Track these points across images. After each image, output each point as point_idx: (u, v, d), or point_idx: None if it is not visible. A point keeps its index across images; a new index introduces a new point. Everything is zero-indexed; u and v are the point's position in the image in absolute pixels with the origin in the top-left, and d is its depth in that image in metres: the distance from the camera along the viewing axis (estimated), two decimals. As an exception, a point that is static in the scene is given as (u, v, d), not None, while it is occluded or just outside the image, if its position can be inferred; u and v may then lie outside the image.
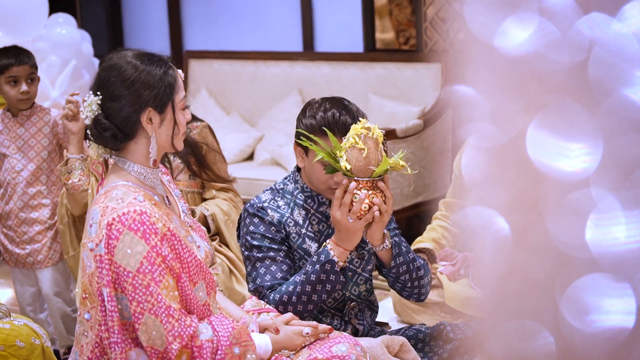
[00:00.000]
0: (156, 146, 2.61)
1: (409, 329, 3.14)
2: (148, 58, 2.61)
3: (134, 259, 2.44)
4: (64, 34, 6.37)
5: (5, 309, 3.18)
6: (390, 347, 2.89)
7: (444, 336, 3.08)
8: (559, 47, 1.20)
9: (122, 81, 2.57)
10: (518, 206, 1.27)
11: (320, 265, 2.86)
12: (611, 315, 1.24)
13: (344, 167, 2.75)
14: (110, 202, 2.52)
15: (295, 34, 7.10)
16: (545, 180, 1.23)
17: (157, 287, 2.44)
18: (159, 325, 2.43)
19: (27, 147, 4.37)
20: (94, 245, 2.51)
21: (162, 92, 2.57)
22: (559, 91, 1.20)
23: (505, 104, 1.25)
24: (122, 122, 2.57)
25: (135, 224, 2.46)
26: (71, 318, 4.45)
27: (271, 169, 6.31)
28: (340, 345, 2.69)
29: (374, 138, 2.74)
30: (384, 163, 2.74)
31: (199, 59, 7.41)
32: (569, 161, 1.22)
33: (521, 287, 1.29)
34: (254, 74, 7.05)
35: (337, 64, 6.64)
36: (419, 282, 2.98)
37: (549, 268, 1.27)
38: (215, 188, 3.92)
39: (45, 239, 4.39)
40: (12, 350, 2.98)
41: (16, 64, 4.30)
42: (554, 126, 1.22)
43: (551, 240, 1.24)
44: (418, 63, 6.23)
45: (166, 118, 2.60)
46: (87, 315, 2.57)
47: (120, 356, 2.48)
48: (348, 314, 3.05)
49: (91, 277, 2.53)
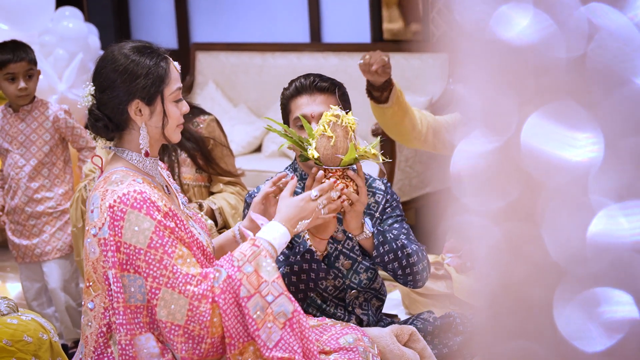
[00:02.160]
0: (147, 137, 2.61)
1: (417, 318, 3.12)
2: (142, 49, 2.61)
3: (142, 235, 2.45)
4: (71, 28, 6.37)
5: (13, 304, 3.18)
6: (399, 337, 2.88)
7: (453, 328, 3.06)
8: (556, 41, 1.14)
9: (111, 72, 2.58)
10: (513, 215, 1.20)
11: (301, 255, 2.87)
12: (614, 334, 1.17)
13: (312, 155, 2.74)
14: (109, 186, 2.54)
15: (302, 25, 7.08)
16: (541, 187, 1.17)
17: (171, 259, 2.45)
18: (177, 297, 2.43)
19: (28, 142, 4.36)
20: (96, 230, 2.52)
21: (151, 84, 2.57)
22: (556, 87, 1.15)
23: (498, 102, 1.18)
24: (111, 112, 2.60)
25: (137, 202, 2.47)
26: (77, 312, 4.45)
27: (279, 161, 6.29)
28: (347, 337, 2.69)
29: (343, 126, 2.72)
30: (351, 151, 2.70)
31: (206, 51, 7.40)
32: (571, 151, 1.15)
33: (516, 304, 1.21)
34: (261, 65, 7.03)
35: (345, 55, 6.62)
36: (411, 269, 2.93)
37: (546, 283, 1.19)
38: (223, 182, 3.91)
39: (52, 229, 4.40)
40: (19, 345, 2.98)
41: (14, 60, 4.27)
42: (550, 124, 1.16)
43: (548, 253, 1.17)
44: (425, 53, 6.21)
45: (156, 110, 2.60)
46: (91, 304, 2.57)
47: (125, 338, 2.48)
48: (352, 303, 3.04)
49: (96, 263, 2.54)
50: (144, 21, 8.07)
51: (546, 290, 1.19)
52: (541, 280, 1.20)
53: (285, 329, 2.46)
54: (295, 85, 3.01)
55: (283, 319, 2.46)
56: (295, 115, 2.96)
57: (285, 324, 2.46)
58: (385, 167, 5.56)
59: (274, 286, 2.48)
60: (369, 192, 3.07)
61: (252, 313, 2.44)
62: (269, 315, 2.45)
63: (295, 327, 2.47)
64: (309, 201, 2.66)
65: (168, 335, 2.45)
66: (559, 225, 1.18)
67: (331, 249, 3.00)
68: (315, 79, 2.98)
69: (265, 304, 2.45)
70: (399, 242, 2.91)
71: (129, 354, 2.49)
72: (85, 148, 4.43)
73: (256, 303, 2.45)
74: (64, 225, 4.41)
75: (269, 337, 2.44)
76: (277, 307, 2.46)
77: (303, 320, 2.51)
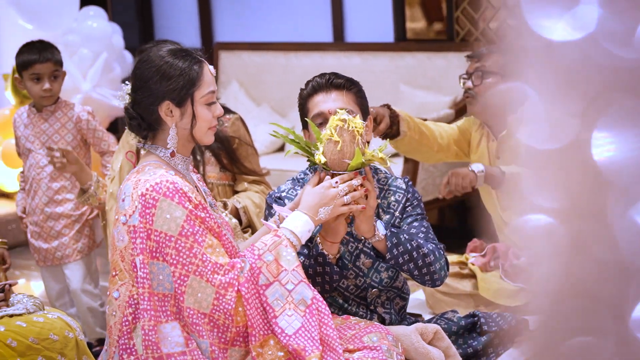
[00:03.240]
0: (176, 138, 2.65)
1: (441, 318, 3.11)
2: (177, 52, 2.65)
3: (174, 223, 2.49)
4: (95, 27, 6.40)
5: (39, 303, 3.20)
6: (424, 335, 2.87)
7: (477, 328, 3.05)
8: (623, 43, 1.12)
9: (145, 72, 2.63)
10: (580, 214, 1.18)
11: (314, 258, 2.88)
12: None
13: (319, 160, 2.75)
14: (142, 176, 2.58)
15: (325, 24, 7.08)
16: (611, 186, 1.15)
17: (201, 247, 2.49)
18: (205, 286, 2.47)
19: (51, 143, 4.33)
20: (126, 218, 2.56)
21: (181, 86, 2.60)
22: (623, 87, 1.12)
23: (563, 104, 1.17)
24: (143, 111, 2.64)
25: (170, 191, 2.51)
26: (99, 312, 4.45)
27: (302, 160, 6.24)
28: (371, 335, 2.69)
29: (350, 130, 2.71)
30: (358, 156, 2.70)
31: (229, 51, 7.41)
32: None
33: (581, 302, 1.20)
34: (284, 65, 7.04)
35: (368, 54, 6.61)
36: (427, 269, 2.92)
37: (614, 282, 1.17)
38: (247, 181, 3.91)
39: (71, 231, 4.39)
40: (45, 343, 2.99)
41: (39, 60, 4.26)
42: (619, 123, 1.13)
43: (615, 252, 1.14)
44: (449, 52, 6.19)
45: (186, 112, 2.63)
46: (116, 293, 2.59)
47: (149, 324, 2.51)
48: (374, 302, 3.03)
49: (123, 252, 2.57)
50: (167, 20, 8.10)
51: (614, 288, 1.17)
52: (608, 278, 1.18)
53: (306, 316, 2.49)
54: (311, 85, 3.03)
55: (303, 307, 2.50)
56: (313, 113, 2.96)
57: (305, 312, 2.49)
58: (409, 166, 5.55)
59: (294, 274, 2.52)
60: (390, 191, 3.06)
61: (271, 300, 2.48)
62: (290, 303, 2.49)
63: (314, 313, 2.50)
64: (329, 188, 2.69)
65: (193, 323, 2.48)
66: (631, 224, 1.16)
67: (352, 248, 3.00)
68: (331, 77, 3.00)
69: (285, 292, 2.50)
70: (414, 242, 2.89)
71: (152, 339, 2.51)
72: (107, 152, 4.39)
73: (275, 290, 2.49)
74: (83, 227, 4.41)
75: (288, 325, 2.47)
76: (297, 295, 2.50)
77: (322, 307, 2.54)
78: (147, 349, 2.51)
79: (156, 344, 2.50)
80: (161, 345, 2.50)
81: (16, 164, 6.79)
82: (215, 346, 2.49)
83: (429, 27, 6.52)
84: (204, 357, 2.50)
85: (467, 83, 3.75)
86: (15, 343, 2.94)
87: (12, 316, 3.04)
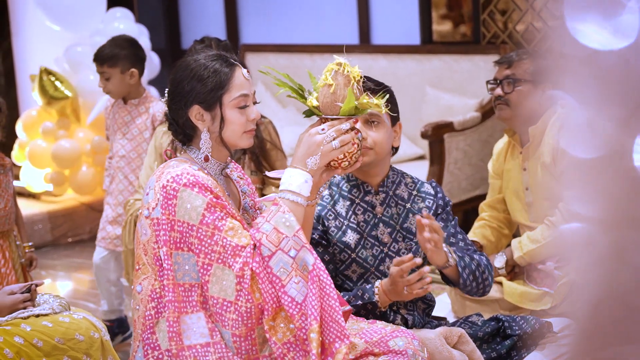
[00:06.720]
0: (209, 142, 2.64)
1: (465, 322, 3.10)
2: (210, 57, 2.65)
3: (195, 212, 2.49)
4: (122, 29, 6.42)
5: (65, 303, 3.21)
6: (448, 339, 2.87)
7: (501, 332, 3.04)
8: None
9: (178, 77, 2.65)
10: (621, 222, 1.16)
11: (363, 302, 2.90)
12: None
13: (311, 103, 2.65)
14: (165, 169, 2.60)
15: (351, 26, 7.08)
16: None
17: (221, 232, 2.49)
18: (228, 273, 2.46)
19: (130, 135, 4.55)
20: (149, 211, 2.57)
21: (209, 90, 2.60)
22: None
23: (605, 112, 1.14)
24: (177, 116, 2.65)
25: (190, 182, 2.52)
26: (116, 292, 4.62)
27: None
28: (397, 340, 2.68)
29: (345, 74, 2.61)
30: (350, 99, 2.57)
31: (255, 53, 7.42)
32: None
33: (621, 311, 1.18)
34: (310, 67, 7.04)
35: (394, 57, 6.60)
36: (484, 283, 2.97)
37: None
38: (275, 185, 3.91)
39: None
40: (71, 343, 3.00)
41: (99, 62, 4.56)
42: None
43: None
44: (475, 55, 6.17)
45: (216, 115, 2.62)
46: (139, 287, 2.61)
47: (173, 315, 2.51)
48: (397, 303, 3.02)
49: (146, 245, 2.58)
50: (193, 22, 8.12)
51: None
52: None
53: (308, 283, 2.47)
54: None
55: (306, 272, 2.48)
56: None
57: (307, 277, 2.47)
58: (435, 169, 5.53)
59: (295, 240, 2.49)
60: (419, 197, 3.06)
61: (276, 270, 2.46)
62: (295, 270, 2.47)
63: (315, 280, 2.47)
64: (314, 135, 2.59)
65: (219, 312, 2.48)
66: None
67: (376, 252, 2.99)
68: (365, 81, 2.97)
69: (288, 259, 2.47)
70: (474, 261, 2.93)
71: (175, 329, 2.51)
72: None
73: (279, 260, 2.47)
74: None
75: (298, 292, 2.46)
76: (300, 261, 2.48)
77: (323, 275, 2.50)
78: (171, 340, 2.52)
79: (179, 334, 2.51)
80: (183, 337, 2.51)
81: (42, 165, 6.83)
82: (237, 337, 2.48)
83: (455, 29, 6.50)
84: (227, 349, 2.49)
85: (496, 90, 3.72)
86: (41, 343, 2.95)
87: (39, 316, 3.06)
